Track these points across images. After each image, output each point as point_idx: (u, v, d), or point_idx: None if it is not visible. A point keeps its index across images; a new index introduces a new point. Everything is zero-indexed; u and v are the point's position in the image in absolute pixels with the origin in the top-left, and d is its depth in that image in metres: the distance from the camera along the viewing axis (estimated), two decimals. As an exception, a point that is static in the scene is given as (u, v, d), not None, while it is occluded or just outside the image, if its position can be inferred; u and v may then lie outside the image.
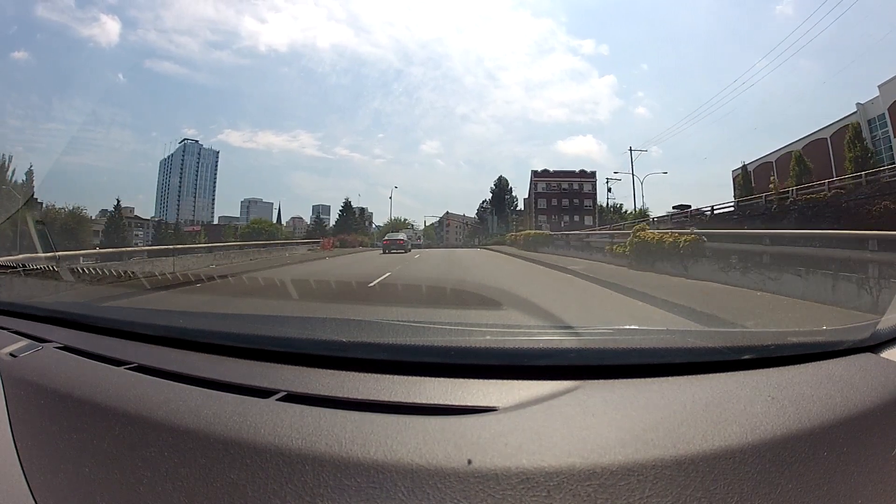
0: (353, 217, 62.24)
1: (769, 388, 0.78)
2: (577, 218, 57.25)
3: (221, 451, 0.69)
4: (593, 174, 60.73)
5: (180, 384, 0.88)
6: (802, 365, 0.87)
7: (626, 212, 54.02)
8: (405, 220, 72.51)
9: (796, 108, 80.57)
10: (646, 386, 0.79)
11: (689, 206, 30.22)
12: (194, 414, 0.77)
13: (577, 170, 62.87)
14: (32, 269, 6.90)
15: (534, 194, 60.71)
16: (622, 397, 0.76)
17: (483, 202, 68.69)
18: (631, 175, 42.37)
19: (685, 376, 0.82)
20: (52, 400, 0.92)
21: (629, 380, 0.80)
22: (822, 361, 0.88)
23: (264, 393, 0.82)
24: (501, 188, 67.16)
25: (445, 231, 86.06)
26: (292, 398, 0.80)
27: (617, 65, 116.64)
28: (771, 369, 0.84)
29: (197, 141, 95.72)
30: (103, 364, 1.04)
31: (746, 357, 0.87)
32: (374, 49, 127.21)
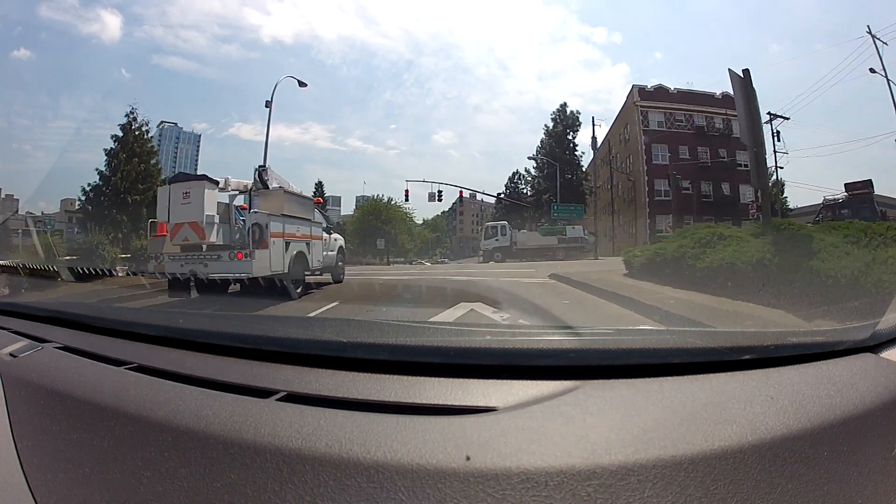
0: (145, 163, 22.97)
1: (769, 388, 0.78)
2: (725, 187, 27.96)
3: (221, 451, 0.69)
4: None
5: (180, 384, 0.88)
6: (802, 365, 0.87)
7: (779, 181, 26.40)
8: (393, 201, 37.49)
9: None
10: (646, 386, 0.79)
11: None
12: (194, 414, 0.77)
13: (718, 93, 28.34)
14: None
15: (641, 135, 28.92)
16: (622, 397, 0.76)
17: (514, 175, 40.50)
18: (885, 77, 17.44)
19: (685, 376, 0.81)
20: (51, 400, 0.92)
21: (629, 380, 0.80)
22: (821, 361, 0.88)
23: (264, 393, 0.82)
24: (567, 124, 34.35)
25: (459, 221, 71.11)
26: (292, 398, 0.80)
27: (630, 53, 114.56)
28: (771, 369, 0.84)
29: (176, 123, 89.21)
30: (103, 364, 1.04)
31: (746, 357, 0.87)
32: (383, 40, 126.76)
